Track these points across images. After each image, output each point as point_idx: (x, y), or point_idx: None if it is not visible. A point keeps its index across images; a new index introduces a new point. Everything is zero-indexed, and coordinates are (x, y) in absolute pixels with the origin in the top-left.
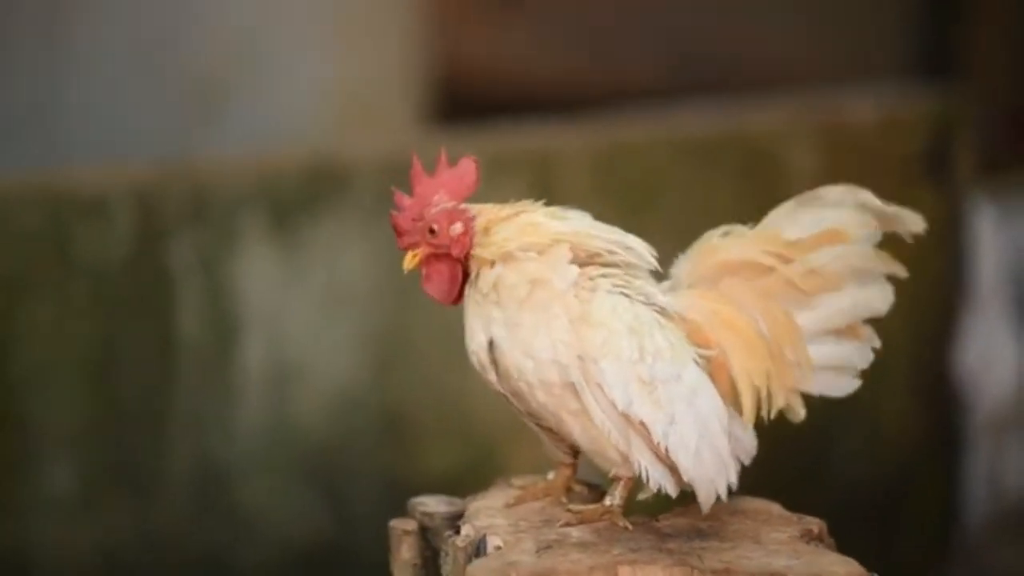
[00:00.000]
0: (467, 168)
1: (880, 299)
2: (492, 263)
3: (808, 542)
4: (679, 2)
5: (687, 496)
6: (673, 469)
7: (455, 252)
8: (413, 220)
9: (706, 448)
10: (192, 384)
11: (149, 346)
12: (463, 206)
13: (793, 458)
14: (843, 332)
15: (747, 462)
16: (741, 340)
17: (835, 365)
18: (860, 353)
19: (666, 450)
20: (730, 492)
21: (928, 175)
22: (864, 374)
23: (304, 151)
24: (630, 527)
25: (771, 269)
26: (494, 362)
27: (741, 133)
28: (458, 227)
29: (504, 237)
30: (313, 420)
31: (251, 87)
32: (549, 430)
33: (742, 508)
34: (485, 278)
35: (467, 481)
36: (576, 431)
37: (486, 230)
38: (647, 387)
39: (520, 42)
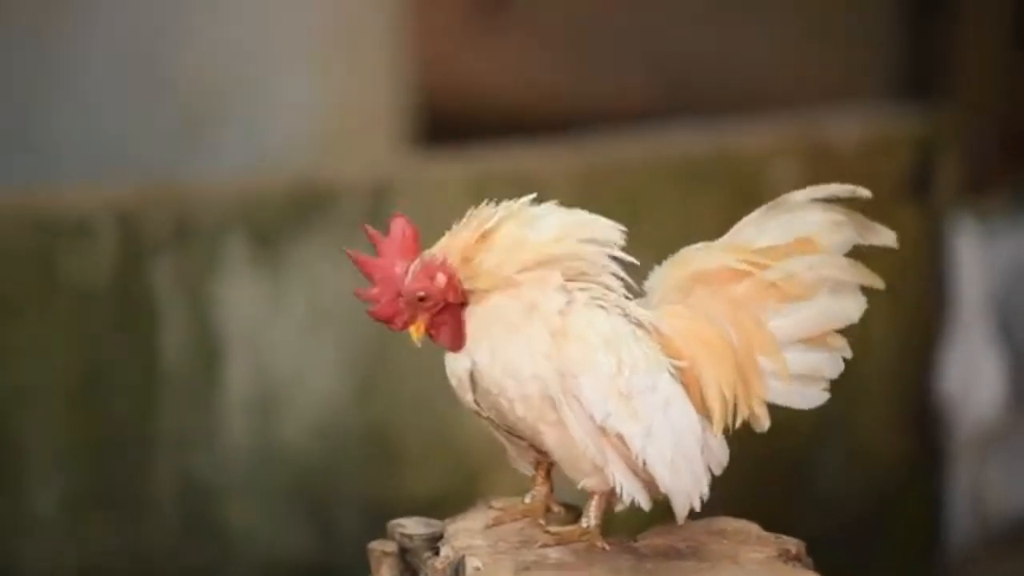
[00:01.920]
0: (402, 226)
1: (853, 308)
2: (488, 291)
3: (786, 562)
4: (664, 23)
5: (661, 508)
6: (648, 482)
7: (452, 299)
8: (392, 302)
9: (681, 460)
10: (176, 406)
11: (133, 368)
12: (427, 256)
13: (775, 478)
14: (813, 341)
15: (718, 472)
16: (711, 352)
17: (804, 374)
18: (830, 363)
19: (643, 463)
20: (702, 502)
21: (912, 195)
22: (846, 394)
23: (288, 174)
24: (608, 548)
25: (743, 275)
26: (473, 383)
27: (726, 154)
28: (441, 278)
29: (496, 263)
30: (297, 442)
31: (236, 110)
32: (519, 438)
33: (721, 528)
34: (485, 306)
35: (451, 503)
36: (551, 441)
37: (466, 260)
38: (624, 400)
39: (504, 64)
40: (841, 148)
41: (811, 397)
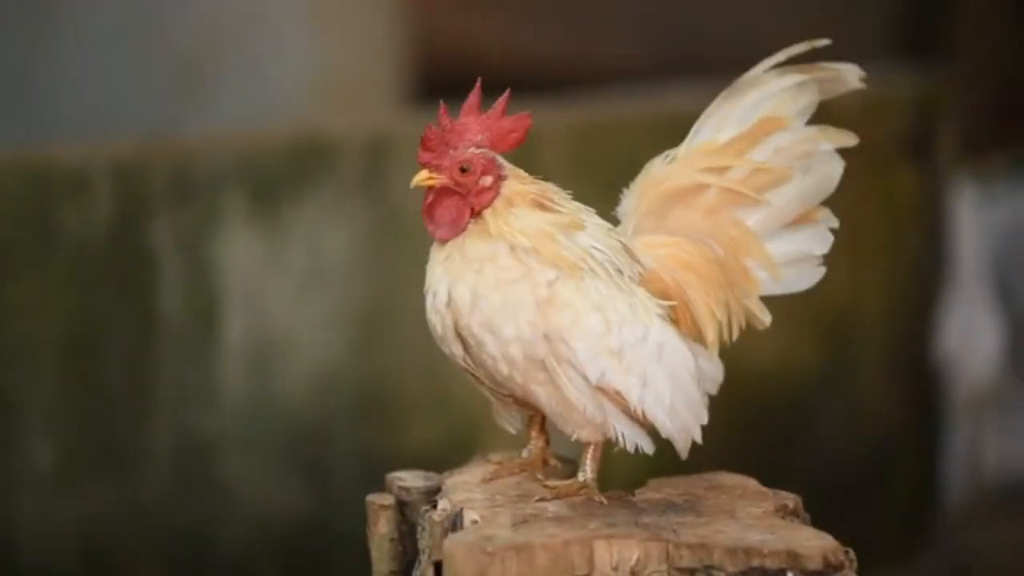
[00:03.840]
0: (520, 123)
1: (831, 174)
2: (492, 235)
3: (783, 517)
4: None
5: (660, 462)
6: (649, 427)
7: (475, 202)
8: (446, 143)
9: (680, 400)
10: (174, 361)
11: (131, 323)
12: (500, 161)
13: (773, 436)
14: (798, 220)
15: (714, 391)
16: (697, 277)
17: (795, 258)
18: (818, 238)
19: (643, 413)
20: (703, 432)
21: (910, 157)
22: (844, 354)
23: (286, 129)
24: (605, 501)
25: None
26: (459, 336)
27: None
28: (488, 180)
29: (520, 228)
30: (295, 397)
31: (236, 66)
32: (509, 397)
33: (718, 483)
34: (478, 247)
35: (447, 457)
36: (543, 398)
37: (508, 201)
38: (616, 356)
39: (502, 21)
40: (840, 109)
41: (806, 277)
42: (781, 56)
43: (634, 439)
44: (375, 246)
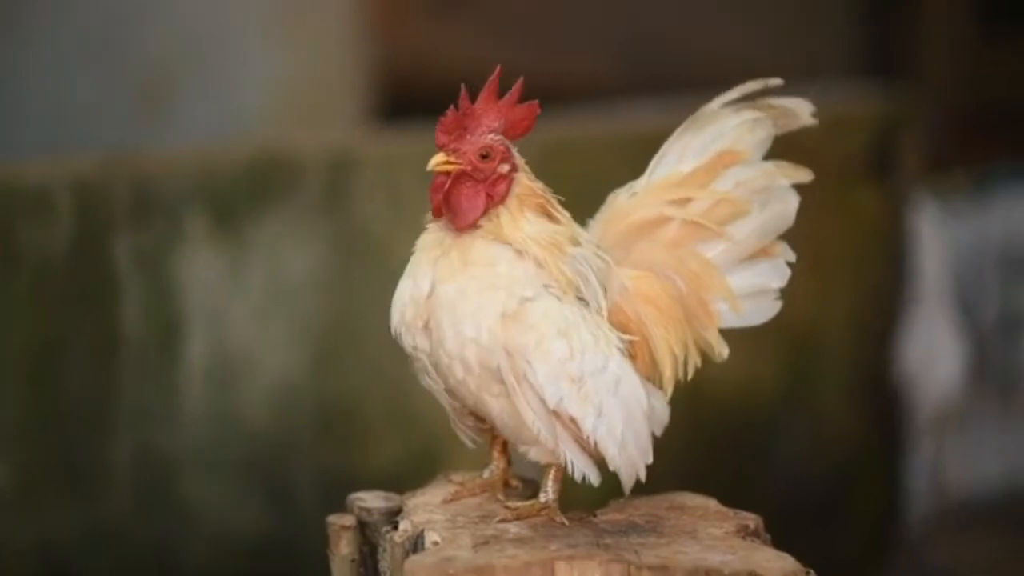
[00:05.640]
0: (530, 111)
1: (788, 207)
2: (496, 239)
3: (744, 538)
4: (626, 1)
5: (609, 482)
6: (598, 458)
7: (493, 191)
8: (463, 127)
9: (630, 435)
10: (135, 379)
11: (92, 341)
12: (515, 151)
13: (735, 457)
14: (756, 254)
15: (659, 432)
16: (658, 312)
17: (754, 291)
18: (776, 272)
19: (595, 443)
20: (647, 471)
21: (872, 174)
22: (807, 372)
23: (249, 147)
24: (567, 523)
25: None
26: (425, 328)
27: None
28: (505, 167)
29: (531, 235)
30: (256, 415)
31: (199, 84)
32: (463, 408)
33: (680, 504)
34: (482, 252)
35: (410, 476)
36: (495, 411)
37: (520, 199)
38: (576, 384)
39: (466, 39)
40: (802, 128)
41: (764, 311)
42: (735, 93)
43: (582, 468)
44: (336, 265)
